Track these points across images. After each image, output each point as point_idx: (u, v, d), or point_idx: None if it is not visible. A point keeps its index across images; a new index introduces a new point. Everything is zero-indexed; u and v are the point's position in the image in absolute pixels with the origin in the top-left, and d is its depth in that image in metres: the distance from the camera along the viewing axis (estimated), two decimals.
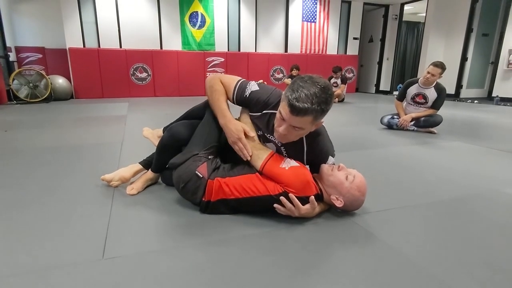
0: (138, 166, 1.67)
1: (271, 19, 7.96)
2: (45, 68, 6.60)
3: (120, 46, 6.86)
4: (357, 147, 2.65)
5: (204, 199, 1.31)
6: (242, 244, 1.13)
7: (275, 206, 1.24)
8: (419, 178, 1.91)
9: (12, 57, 6.25)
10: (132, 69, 6.96)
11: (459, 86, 7.73)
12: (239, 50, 7.80)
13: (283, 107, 1.18)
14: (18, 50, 6.48)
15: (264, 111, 1.38)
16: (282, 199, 1.22)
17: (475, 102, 6.85)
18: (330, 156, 1.39)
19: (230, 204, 1.30)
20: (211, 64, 7.52)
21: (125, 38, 6.85)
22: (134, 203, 1.47)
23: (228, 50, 7.66)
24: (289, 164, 1.28)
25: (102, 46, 6.73)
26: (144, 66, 7.02)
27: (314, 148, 1.37)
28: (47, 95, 5.71)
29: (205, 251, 1.08)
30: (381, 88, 9.38)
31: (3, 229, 1.22)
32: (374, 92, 9.46)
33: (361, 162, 2.18)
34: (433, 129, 3.34)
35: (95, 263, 1.00)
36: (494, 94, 6.95)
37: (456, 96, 7.68)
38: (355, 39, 8.94)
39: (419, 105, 3.43)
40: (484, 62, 7.80)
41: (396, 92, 7.82)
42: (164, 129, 1.75)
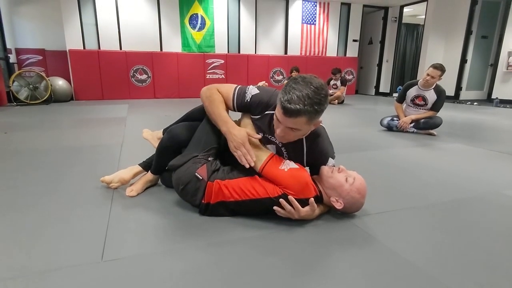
0: (137, 168, 1.67)
1: (271, 21, 7.98)
2: (45, 69, 6.61)
3: (120, 48, 6.87)
4: (356, 149, 2.65)
5: (204, 201, 1.31)
6: (242, 245, 1.13)
7: (275, 208, 1.24)
8: (419, 180, 1.91)
9: (12, 58, 6.26)
10: (132, 70, 6.96)
11: (458, 88, 7.74)
12: (239, 52, 7.82)
13: (277, 109, 1.19)
14: (18, 51, 6.49)
15: (266, 112, 1.38)
16: (282, 202, 1.22)
17: (475, 104, 6.86)
18: (330, 158, 1.39)
19: (230, 207, 1.30)
20: (211, 66, 7.53)
21: (125, 40, 6.86)
22: (133, 205, 1.46)
23: (228, 52, 7.67)
24: (288, 166, 1.28)
25: (102, 48, 6.74)
26: (144, 68, 7.03)
27: (314, 150, 1.37)
28: (47, 96, 5.71)
29: (205, 252, 1.08)
30: (380, 90, 9.39)
31: (1, 231, 1.22)
32: (373, 94, 9.46)
33: (360, 164, 2.18)
34: (432, 131, 3.34)
35: (94, 265, 1.00)
36: (493, 96, 6.96)
37: (455, 98, 7.68)
38: (354, 41, 8.96)
39: (418, 107, 3.43)
40: (483, 64, 7.81)
41: (395, 94, 7.83)
42: (164, 131, 1.75)
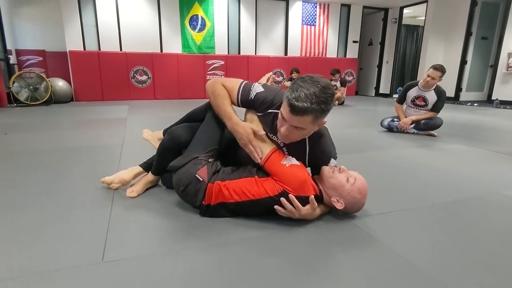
0: (138, 169, 1.66)
1: (271, 22, 7.99)
2: (45, 70, 6.62)
3: (121, 49, 6.87)
4: (357, 150, 2.65)
5: (204, 202, 1.31)
6: (242, 246, 1.13)
7: (276, 207, 1.24)
8: (419, 181, 1.91)
9: (13, 59, 6.27)
10: (132, 71, 6.97)
11: (458, 89, 7.74)
12: (239, 53, 7.83)
13: (284, 107, 1.19)
14: (19, 53, 6.50)
15: (269, 111, 1.38)
16: (282, 200, 1.22)
17: (475, 105, 6.86)
18: (332, 159, 1.39)
19: (230, 208, 1.30)
20: (211, 67, 7.54)
21: (125, 41, 6.86)
22: (134, 206, 1.46)
23: (228, 53, 7.68)
24: (290, 162, 1.28)
25: (103, 49, 6.75)
26: (144, 69, 7.04)
27: (316, 150, 1.37)
28: (47, 97, 5.71)
29: (205, 253, 1.08)
30: (380, 91, 9.40)
31: (2, 231, 1.22)
32: (373, 95, 9.47)
33: (361, 165, 2.18)
34: (433, 131, 3.34)
35: (95, 266, 1.00)
36: (493, 97, 6.96)
37: (455, 99, 7.69)
38: (354, 42, 8.97)
39: (419, 107, 3.43)
40: (483, 65, 7.82)
41: (395, 95, 7.83)
42: (164, 131, 1.75)
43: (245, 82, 1.44)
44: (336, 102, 6.41)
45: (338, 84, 6.61)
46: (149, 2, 6.88)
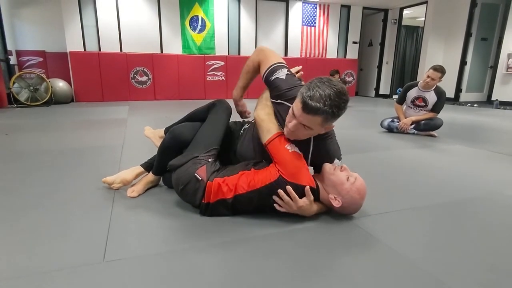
0: (139, 169, 1.67)
1: (271, 23, 8.00)
2: (45, 71, 6.62)
3: (121, 50, 6.88)
4: (357, 150, 2.65)
5: (204, 200, 1.31)
6: (243, 246, 1.13)
7: (274, 198, 1.25)
8: (420, 181, 1.91)
9: (13, 60, 6.27)
10: (133, 72, 6.97)
11: (458, 89, 7.75)
12: (239, 54, 7.83)
13: (296, 103, 1.19)
14: (19, 53, 6.50)
15: (279, 100, 1.39)
16: (280, 192, 1.23)
17: (475, 105, 6.86)
18: (336, 159, 1.39)
19: (230, 203, 1.30)
20: (211, 67, 7.54)
21: (125, 42, 6.87)
22: (135, 206, 1.46)
23: (228, 54, 7.69)
24: (293, 148, 1.29)
25: (103, 50, 6.76)
26: (144, 70, 7.04)
27: (320, 150, 1.37)
28: (47, 98, 5.72)
29: (206, 253, 1.08)
30: (380, 92, 9.40)
31: (3, 231, 1.22)
32: (373, 95, 9.47)
33: (361, 165, 2.18)
34: (433, 132, 3.35)
35: (96, 265, 1.00)
36: (493, 98, 6.97)
37: (455, 99, 7.69)
38: (354, 43, 8.98)
39: (419, 108, 3.43)
40: (483, 66, 7.82)
41: (395, 96, 7.84)
42: (166, 130, 1.75)
43: (277, 64, 1.43)
44: None
45: None
46: (149, 3, 6.89)
